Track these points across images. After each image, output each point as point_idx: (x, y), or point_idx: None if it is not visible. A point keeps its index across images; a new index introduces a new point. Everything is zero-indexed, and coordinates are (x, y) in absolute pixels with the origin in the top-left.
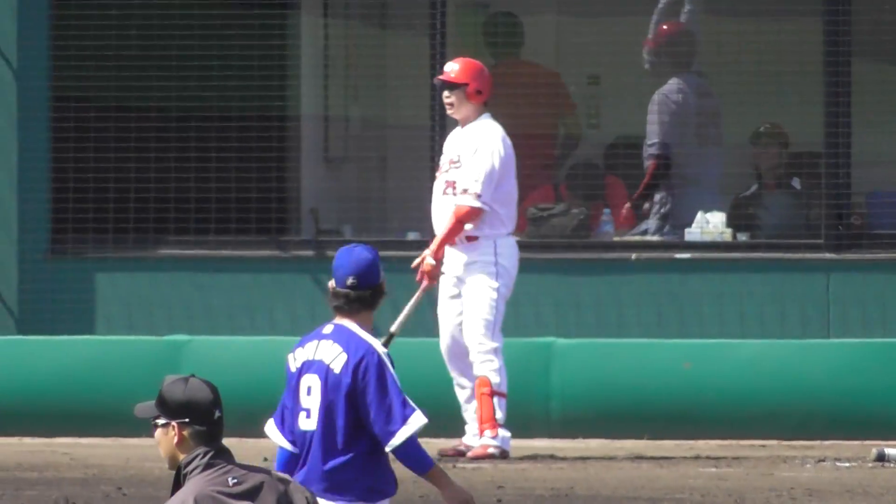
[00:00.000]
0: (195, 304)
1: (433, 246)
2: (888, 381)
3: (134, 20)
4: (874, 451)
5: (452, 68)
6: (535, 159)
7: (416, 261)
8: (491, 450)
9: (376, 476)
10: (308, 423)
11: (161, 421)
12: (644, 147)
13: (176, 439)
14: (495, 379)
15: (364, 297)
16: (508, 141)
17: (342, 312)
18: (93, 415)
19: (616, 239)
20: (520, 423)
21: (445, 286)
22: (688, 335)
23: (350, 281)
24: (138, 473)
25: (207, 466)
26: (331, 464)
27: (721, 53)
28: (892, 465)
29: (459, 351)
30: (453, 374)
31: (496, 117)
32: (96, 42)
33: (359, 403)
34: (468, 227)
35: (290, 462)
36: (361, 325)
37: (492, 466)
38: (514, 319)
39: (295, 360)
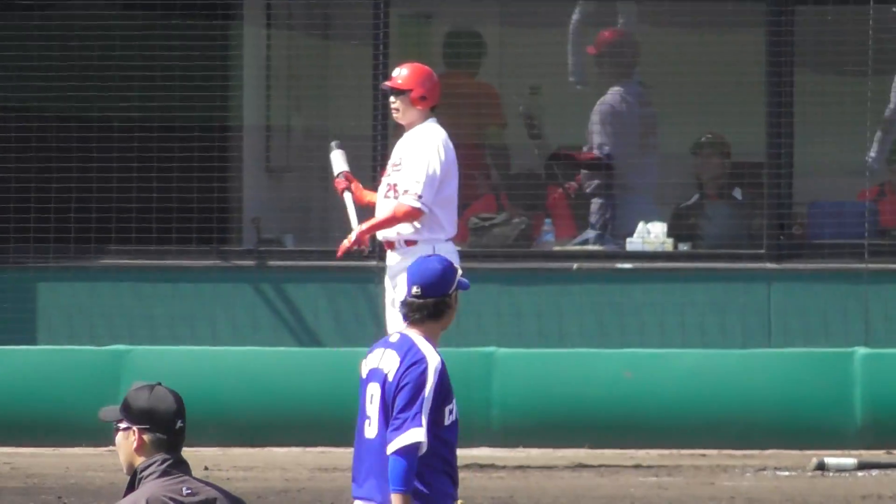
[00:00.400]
0: (136, 314)
1: (363, 226)
2: (829, 391)
3: (76, 31)
4: (814, 461)
5: (399, 73)
6: (476, 169)
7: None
8: None
9: (431, 487)
10: (370, 430)
11: (123, 425)
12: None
13: (135, 444)
14: None
15: (426, 307)
16: (451, 145)
17: (407, 321)
18: (34, 424)
19: (557, 248)
20: (460, 433)
21: (388, 292)
22: (629, 345)
23: (415, 290)
24: (79, 483)
25: (164, 473)
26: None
27: (663, 63)
28: (831, 474)
29: None
30: None
31: (441, 124)
32: (38, 52)
33: (392, 405)
34: (406, 229)
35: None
36: (427, 336)
37: None
38: (454, 329)
39: (365, 367)
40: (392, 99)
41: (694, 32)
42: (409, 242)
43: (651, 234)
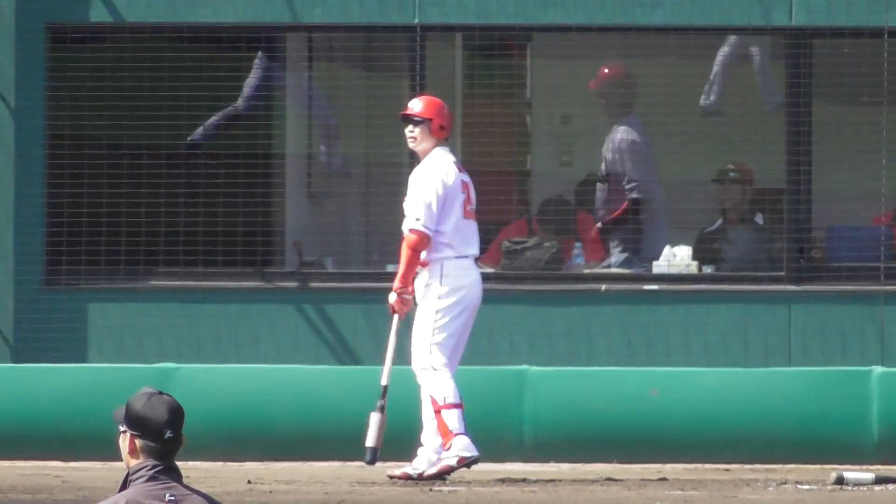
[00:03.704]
0: (184, 333)
1: (395, 281)
2: (847, 408)
3: (126, 62)
4: (833, 475)
5: (417, 104)
6: (508, 195)
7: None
8: (443, 463)
9: None
10: None
11: (122, 427)
12: (623, 188)
13: (128, 448)
14: (439, 395)
15: None
16: (452, 168)
17: None
18: (84, 439)
19: (587, 271)
20: (494, 448)
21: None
22: (655, 363)
23: None
24: None
25: (151, 479)
26: None
27: (690, 94)
28: (850, 488)
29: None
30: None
31: (454, 150)
32: (90, 83)
33: None
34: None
35: None
36: None
37: (466, 489)
38: (488, 348)
39: None
40: (410, 128)
41: (722, 65)
42: (423, 263)
43: (676, 258)
